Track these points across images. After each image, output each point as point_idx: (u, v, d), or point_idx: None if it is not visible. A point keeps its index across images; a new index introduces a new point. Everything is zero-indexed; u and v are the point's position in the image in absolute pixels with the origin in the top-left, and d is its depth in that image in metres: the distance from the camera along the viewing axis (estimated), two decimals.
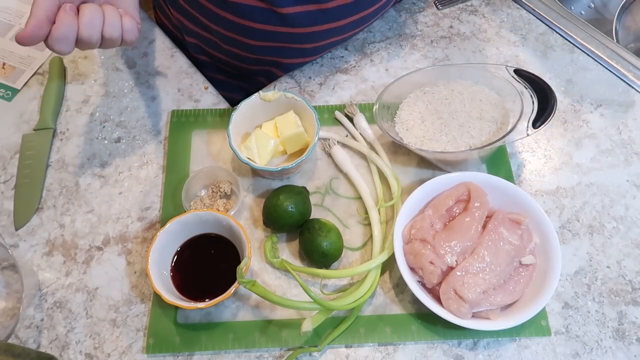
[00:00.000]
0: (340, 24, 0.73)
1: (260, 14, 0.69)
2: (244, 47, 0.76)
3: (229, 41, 0.77)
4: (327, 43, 0.77)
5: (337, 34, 0.75)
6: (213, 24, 0.75)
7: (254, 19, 0.70)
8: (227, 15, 0.71)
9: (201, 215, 0.63)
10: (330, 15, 0.71)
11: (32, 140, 0.74)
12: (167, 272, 0.62)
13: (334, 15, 0.71)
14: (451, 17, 0.86)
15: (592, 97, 0.78)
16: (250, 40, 0.74)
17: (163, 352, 0.60)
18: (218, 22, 0.73)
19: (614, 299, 0.64)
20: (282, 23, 0.70)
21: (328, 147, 0.72)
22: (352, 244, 0.67)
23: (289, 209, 0.63)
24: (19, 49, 0.82)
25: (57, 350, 0.61)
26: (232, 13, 0.70)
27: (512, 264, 0.61)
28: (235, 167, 0.72)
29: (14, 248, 0.67)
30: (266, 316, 0.62)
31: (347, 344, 0.61)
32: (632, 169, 0.73)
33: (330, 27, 0.73)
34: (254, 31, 0.72)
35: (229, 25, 0.72)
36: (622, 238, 0.68)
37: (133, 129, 0.76)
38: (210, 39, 0.80)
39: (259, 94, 0.69)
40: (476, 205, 0.63)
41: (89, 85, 0.79)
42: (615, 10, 0.99)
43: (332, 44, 0.78)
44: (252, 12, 0.69)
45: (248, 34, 0.73)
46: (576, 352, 0.61)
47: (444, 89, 0.71)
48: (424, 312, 0.61)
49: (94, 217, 0.69)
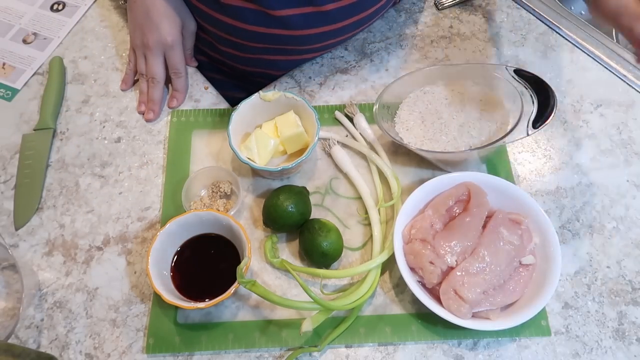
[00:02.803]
0: (337, 26, 0.73)
1: (253, 16, 0.69)
2: (240, 48, 0.77)
3: (224, 42, 0.77)
4: (324, 45, 0.76)
5: (335, 36, 0.75)
6: (208, 24, 0.75)
7: (247, 20, 0.70)
8: (220, 16, 0.71)
9: (201, 215, 0.63)
10: (327, 18, 0.70)
11: (32, 140, 0.74)
12: (167, 272, 0.62)
13: (331, 18, 0.71)
14: (451, 17, 0.86)
15: (592, 97, 0.78)
16: (244, 42, 0.74)
17: (163, 352, 0.60)
18: (212, 23, 0.74)
19: (614, 299, 0.64)
20: (275, 25, 0.70)
21: (328, 147, 0.72)
22: (352, 244, 0.67)
23: (289, 209, 0.63)
24: (19, 49, 0.82)
25: (57, 350, 0.61)
26: (225, 14, 0.70)
27: (512, 264, 0.61)
28: (235, 167, 0.72)
29: (14, 248, 0.67)
30: (266, 316, 0.62)
31: (347, 344, 0.61)
32: (632, 169, 0.73)
33: (327, 29, 0.72)
34: (247, 33, 0.72)
35: (223, 26, 0.73)
36: (622, 238, 0.68)
37: (133, 129, 0.76)
38: (207, 39, 0.80)
39: (259, 94, 0.69)
40: (476, 205, 0.63)
41: (89, 85, 0.79)
42: None
43: (330, 45, 0.78)
44: (244, 14, 0.69)
45: (242, 35, 0.73)
46: (576, 352, 0.61)
47: (444, 89, 0.71)
48: (424, 312, 0.61)
49: (94, 217, 0.69)
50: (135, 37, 0.76)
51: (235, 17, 0.70)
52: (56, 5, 0.87)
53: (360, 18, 0.73)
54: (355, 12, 0.72)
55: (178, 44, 0.75)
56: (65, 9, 0.87)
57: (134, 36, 0.76)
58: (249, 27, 0.71)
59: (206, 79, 0.81)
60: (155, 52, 0.74)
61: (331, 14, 0.70)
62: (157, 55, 0.75)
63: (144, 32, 0.74)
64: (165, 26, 0.73)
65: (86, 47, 0.83)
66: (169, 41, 0.74)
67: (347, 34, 0.76)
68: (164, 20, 0.73)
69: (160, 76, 0.75)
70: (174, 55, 0.75)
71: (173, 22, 0.74)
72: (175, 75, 0.77)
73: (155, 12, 0.73)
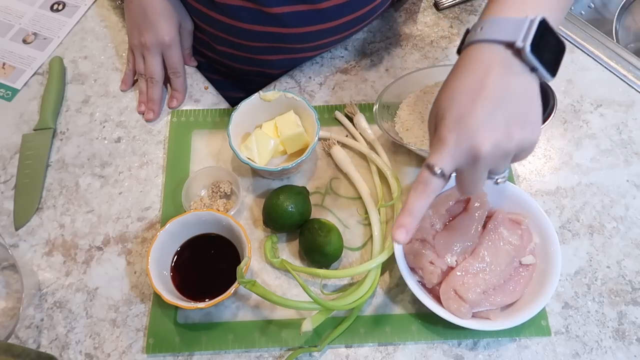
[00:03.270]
0: (333, 24, 0.72)
1: (249, 14, 0.69)
2: (237, 47, 0.76)
3: (221, 41, 0.77)
4: (321, 43, 0.76)
5: (331, 34, 0.74)
6: (204, 24, 0.75)
7: (243, 19, 0.70)
8: (216, 15, 0.71)
9: (201, 215, 0.63)
10: (322, 15, 0.70)
11: (32, 140, 0.74)
12: (167, 272, 0.62)
13: (326, 15, 0.70)
14: (451, 17, 0.86)
15: (592, 97, 0.78)
16: (241, 41, 0.74)
17: (163, 352, 0.60)
18: (209, 22, 0.73)
19: (614, 299, 0.64)
20: (272, 23, 0.70)
21: (328, 147, 0.72)
22: (352, 244, 0.67)
23: (289, 209, 0.63)
24: (19, 49, 0.82)
25: (57, 350, 0.61)
26: (221, 13, 0.70)
27: (512, 264, 0.61)
28: (235, 167, 0.72)
29: (14, 248, 0.67)
30: (266, 316, 0.62)
31: (347, 344, 0.61)
32: (632, 169, 0.73)
33: (323, 27, 0.72)
34: (244, 31, 0.72)
35: (219, 25, 0.73)
36: (622, 238, 0.68)
37: (133, 129, 0.76)
38: (203, 39, 0.80)
39: (258, 94, 0.69)
40: (476, 205, 0.63)
41: (89, 85, 0.79)
42: (615, 10, 0.99)
43: (327, 44, 0.77)
44: (240, 12, 0.69)
45: (239, 34, 0.73)
46: (576, 352, 0.61)
47: None
48: (424, 312, 0.61)
49: (94, 217, 0.69)
50: (133, 36, 0.76)
51: (231, 16, 0.70)
52: (56, 5, 0.87)
53: (356, 16, 0.73)
54: (350, 11, 0.72)
55: (176, 43, 0.75)
56: (65, 9, 0.87)
57: (132, 36, 0.76)
58: (245, 26, 0.71)
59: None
60: (153, 52, 0.74)
61: (326, 12, 0.70)
62: (155, 55, 0.75)
63: (141, 31, 0.74)
64: (162, 25, 0.73)
65: (86, 47, 0.83)
66: (166, 40, 0.74)
67: (343, 33, 0.76)
68: (160, 20, 0.73)
69: (158, 76, 0.75)
70: (172, 54, 0.75)
71: (170, 21, 0.74)
72: (174, 75, 0.77)
73: (152, 12, 0.73)
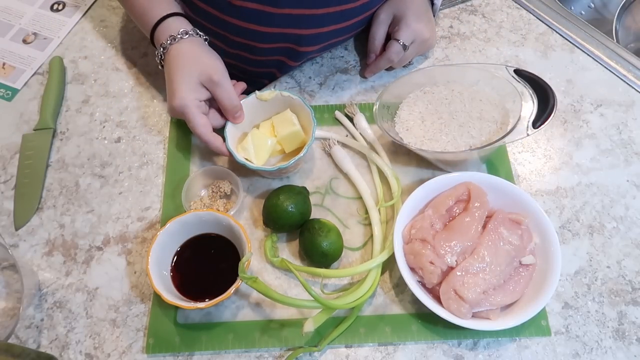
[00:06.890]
0: (348, 24, 0.74)
1: (264, 16, 0.69)
2: (252, 51, 0.77)
3: (236, 45, 0.77)
4: (329, 44, 0.77)
5: (344, 33, 0.76)
6: (220, 29, 0.75)
7: (259, 21, 0.70)
8: (231, 19, 0.71)
9: (201, 215, 0.63)
10: (340, 17, 0.71)
11: (32, 140, 0.74)
12: (167, 272, 0.62)
13: (344, 17, 0.72)
14: (451, 17, 0.86)
15: (592, 97, 0.78)
16: (258, 44, 0.75)
17: (163, 352, 0.60)
18: (225, 27, 0.73)
19: (614, 299, 0.64)
20: (285, 24, 0.71)
21: (328, 147, 0.72)
22: (352, 244, 0.67)
23: (289, 209, 0.63)
24: (19, 49, 0.83)
25: (57, 350, 0.61)
26: (238, 17, 0.70)
27: (512, 264, 0.61)
28: (235, 167, 0.72)
29: (14, 248, 0.67)
30: (266, 316, 0.62)
31: (347, 344, 0.61)
32: (632, 169, 0.73)
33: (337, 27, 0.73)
34: (260, 34, 0.72)
35: (235, 29, 0.73)
36: (622, 238, 0.68)
37: (133, 129, 0.76)
38: (217, 44, 0.80)
39: (255, 93, 0.69)
40: (476, 205, 0.63)
41: (89, 85, 0.79)
42: (615, 10, 0.99)
43: (336, 43, 0.79)
44: (253, 14, 0.69)
45: (255, 37, 0.73)
46: (576, 352, 0.61)
47: (444, 89, 0.71)
48: (424, 312, 0.61)
49: (94, 217, 0.69)
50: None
51: (248, 19, 0.70)
52: (56, 5, 0.87)
53: (367, 16, 0.75)
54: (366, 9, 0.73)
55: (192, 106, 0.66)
56: (65, 9, 0.87)
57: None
58: (261, 29, 0.71)
59: None
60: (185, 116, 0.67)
61: (345, 13, 0.71)
62: (194, 115, 0.66)
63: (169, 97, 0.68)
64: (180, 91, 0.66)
65: (86, 47, 0.83)
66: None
67: (355, 31, 0.77)
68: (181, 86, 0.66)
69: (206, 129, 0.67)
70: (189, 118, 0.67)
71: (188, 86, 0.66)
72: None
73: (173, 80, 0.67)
